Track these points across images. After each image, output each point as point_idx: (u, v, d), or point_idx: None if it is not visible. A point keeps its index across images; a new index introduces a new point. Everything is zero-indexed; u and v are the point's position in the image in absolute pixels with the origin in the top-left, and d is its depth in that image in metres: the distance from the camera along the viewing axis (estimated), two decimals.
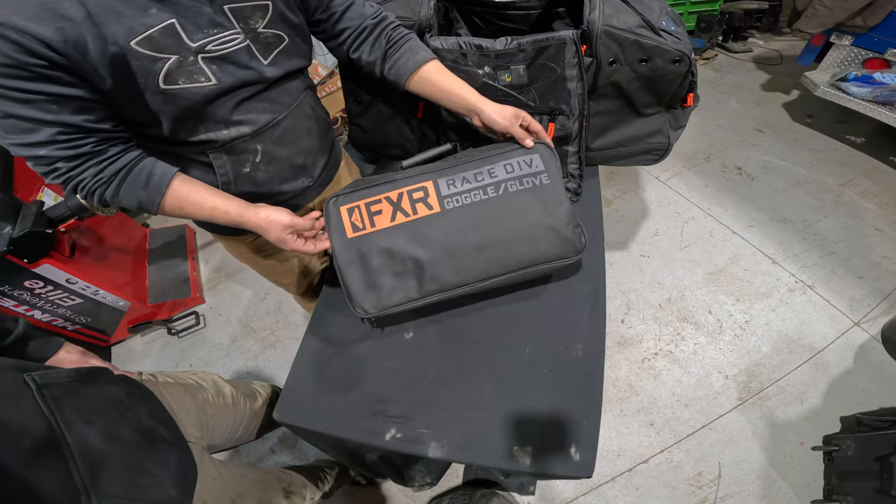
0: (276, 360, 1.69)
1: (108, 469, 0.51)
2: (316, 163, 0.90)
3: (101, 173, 0.63)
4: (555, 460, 0.73)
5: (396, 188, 0.84)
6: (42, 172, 0.62)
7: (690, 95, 1.00)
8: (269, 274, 1.07)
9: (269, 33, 0.70)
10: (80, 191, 0.64)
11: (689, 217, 2.04)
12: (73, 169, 0.62)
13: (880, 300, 1.63)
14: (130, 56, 0.58)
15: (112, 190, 0.65)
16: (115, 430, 0.56)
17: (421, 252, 0.81)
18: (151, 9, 0.58)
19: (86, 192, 0.64)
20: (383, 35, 0.83)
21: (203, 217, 0.72)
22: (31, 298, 1.38)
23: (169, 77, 0.61)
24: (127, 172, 0.65)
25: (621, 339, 1.62)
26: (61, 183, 0.63)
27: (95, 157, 0.63)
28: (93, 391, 0.59)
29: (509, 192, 0.84)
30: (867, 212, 1.97)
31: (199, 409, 0.77)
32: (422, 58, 0.84)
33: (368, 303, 0.81)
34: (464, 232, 0.82)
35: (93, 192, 0.64)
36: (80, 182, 0.63)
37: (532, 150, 0.87)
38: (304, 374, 0.88)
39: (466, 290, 0.84)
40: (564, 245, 0.85)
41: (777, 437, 1.35)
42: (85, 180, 0.63)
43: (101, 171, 0.63)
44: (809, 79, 2.30)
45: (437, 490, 1.29)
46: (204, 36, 0.63)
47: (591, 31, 0.92)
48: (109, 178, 0.64)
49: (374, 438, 0.79)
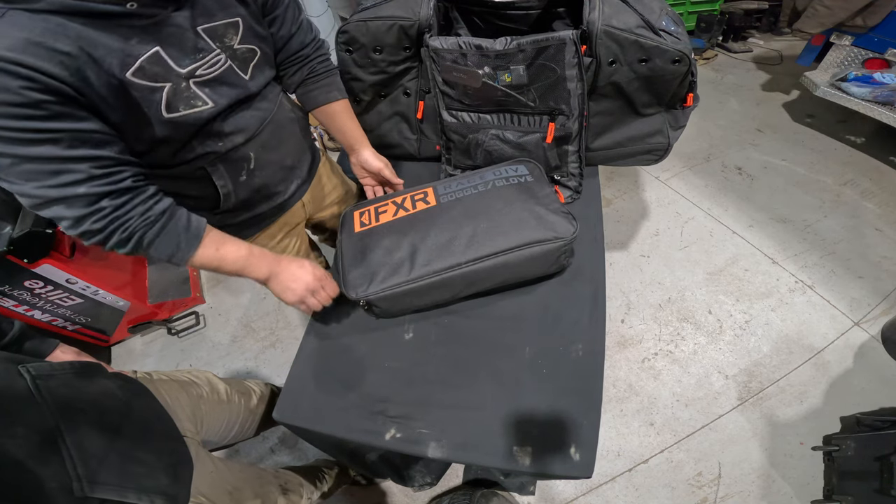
0: (275, 360, 1.69)
1: (102, 458, 0.52)
2: (303, 161, 0.93)
3: (149, 212, 0.61)
4: (555, 460, 0.74)
5: (401, 195, 0.98)
6: (80, 216, 0.57)
7: (690, 95, 1.00)
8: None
9: (244, 48, 0.71)
10: (120, 233, 0.60)
11: (689, 217, 2.04)
12: (121, 207, 0.59)
13: (880, 300, 1.63)
14: (130, 87, 0.57)
15: (155, 231, 0.62)
16: (108, 421, 0.57)
17: (415, 236, 0.88)
18: (133, 39, 0.57)
19: (128, 233, 0.60)
20: (307, 67, 0.89)
21: (237, 264, 0.71)
22: (31, 298, 1.38)
23: (170, 106, 0.62)
24: (171, 213, 0.64)
25: (621, 339, 1.62)
26: (101, 228, 0.58)
27: (139, 194, 0.60)
28: (87, 384, 0.59)
29: (496, 186, 0.95)
30: (867, 212, 1.97)
31: (193, 404, 0.78)
32: (333, 97, 0.93)
33: (362, 287, 0.85)
34: (456, 218, 0.90)
35: (135, 233, 0.61)
36: (126, 222, 0.60)
37: (518, 161, 1.04)
38: (303, 374, 0.89)
39: (457, 272, 0.85)
40: (551, 226, 0.87)
41: (777, 437, 1.35)
42: (132, 220, 0.60)
43: (148, 209, 0.61)
44: (809, 79, 2.30)
45: (437, 490, 1.28)
46: (191, 61, 0.63)
47: (591, 32, 0.92)
48: (157, 217, 0.62)
49: (374, 438, 0.79)
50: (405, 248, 0.87)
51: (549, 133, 1.06)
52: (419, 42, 1.04)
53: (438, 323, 0.93)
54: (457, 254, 0.85)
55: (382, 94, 1.18)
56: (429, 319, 0.93)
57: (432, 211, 0.93)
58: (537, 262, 0.89)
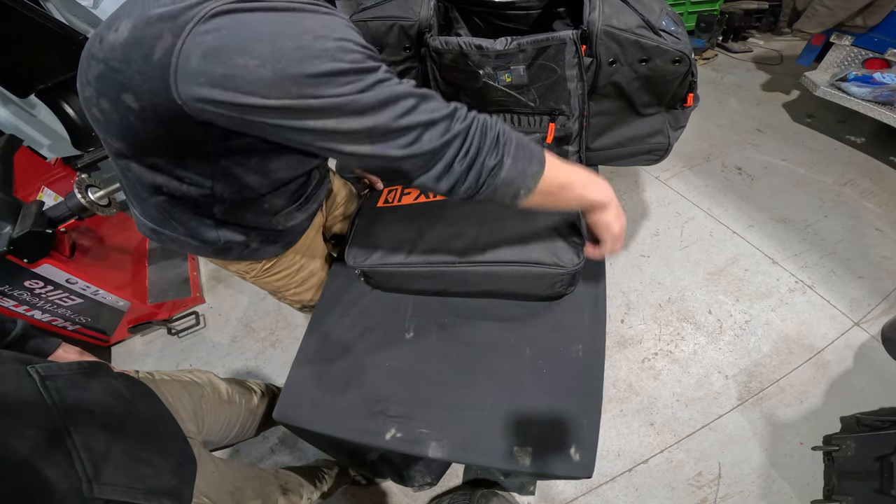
0: (276, 360, 1.69)
1: (110, 458, 0.52)
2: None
3: (487, 121, 0.56)
4: (555, 460, 0.73)
5: None
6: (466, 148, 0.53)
7: (690, 95, 1.01)
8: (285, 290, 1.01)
9: None
10: (480, 168, 0.55)
11: (689, 217, 2.04)
12: (466, 117, 0.54)
13: (880, 300, 1.63)
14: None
15: (516, 143, 0.57)
16: (116, 421, 0.57)
17: (424, 223, 0.91)
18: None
19: (496, 162, 0.55)
20: None
21: (576, 190, 0.65)
22: (31, 298, 1.38)
23: None
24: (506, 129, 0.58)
25: (621, 339, 1.62)
26: (472, 157, 0.54)
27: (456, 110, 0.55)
28: (95, 384, 0.59)
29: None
30: (867, 212, 1.97)
31: (195, 404, 0.78)
32: None
33: (361, 258, 0.89)
34: (468, 215, 0.91)
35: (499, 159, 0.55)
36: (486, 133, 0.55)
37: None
38: (304, 374, 0.89)
39: (448, 269, 0.86)
40: (555, 252, 0.83)
41: (777, 437, 1.35)
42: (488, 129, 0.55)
43: (484, 119, 0.56)
44: (809, 79, 2.30)
45: (437, 490, 1.28)
46: None
47: (591, 32, 0.92)
48: (498, 126, 0.56)
49: (374, 438, 0.79)
50: (411, 232, 0.90)
51: (550, 133, 1.06)
52: (419, 42, 1.04)
53: (439, 323, 0.93)
54: (455, 252, 0.85)
55: None
56: (429, 319, 0.93)
57: (446, 203, 0.94)
58: (530, 283, 0.87)
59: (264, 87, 0.44)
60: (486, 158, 0.55)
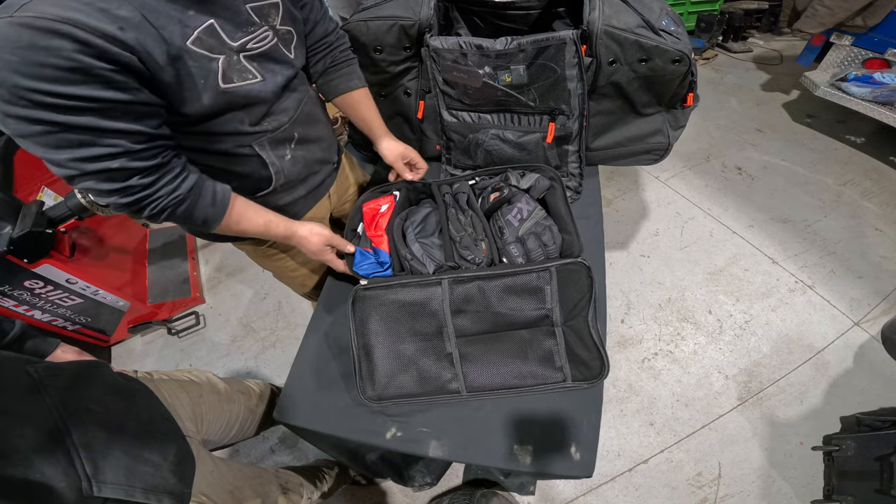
0: (276, 360, 1.69)
1: (109, 457, 0.52)
2: (332, 146, 0.95)
3: (177, 191, 0.62)
4: (555, 460, 0.74)
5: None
6: (110, 190, 0.57)
7: (690, 95, 1.00)
8: (288, 275, 1.08)
9: (284, 29, 0.73)
10: (150, 209, 0.61)
11: (689, 217, 2.04)
12: (150, 186, 0.59)
13: (880, 300, 1.63)
14: (188, 57, 0.57)
15: (185, 207, 0.64)
16: (115, 420, 0.57)
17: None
18: (190, 10, 0.58)
19: (158, 209, 0.62)
20: (329, 55, 0.90)
21: (257, 229, 0.76)
22: (31, 298, 1.38)
23: (225, 76, 0.63)
24: (199, 189, 0.65)
25: (621, 339, 1.62)
26: (130, 203, 0.59)
27: (168, 173, 0.61)
28: (93, 383, 0.60)
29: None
30: (867, 212, 1.97)
31: (194, 404, 0.78)
32: (354, 85, 0.94)
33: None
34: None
35: (165, 209, 0.62)
36: (155, 200, 0.61)
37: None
38: (304, 374, 0.89)
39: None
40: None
41: (777, 437, 1.35)
42: (161, 198, 0.61)
43: (176, 188, 0.62)
44: (809, 79, 2.30)
45: (437, 490, 1.28)
46: (243, 35, 0.64)
47: (591, 31, 0.92)
48: (185, 195, 0.63)
49: (374, 438, 0.79)
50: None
51: (550, 133, 1.06)
52: (419, 42, 1.04)
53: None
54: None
55: (383, 94, 1.18)
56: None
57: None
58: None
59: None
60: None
